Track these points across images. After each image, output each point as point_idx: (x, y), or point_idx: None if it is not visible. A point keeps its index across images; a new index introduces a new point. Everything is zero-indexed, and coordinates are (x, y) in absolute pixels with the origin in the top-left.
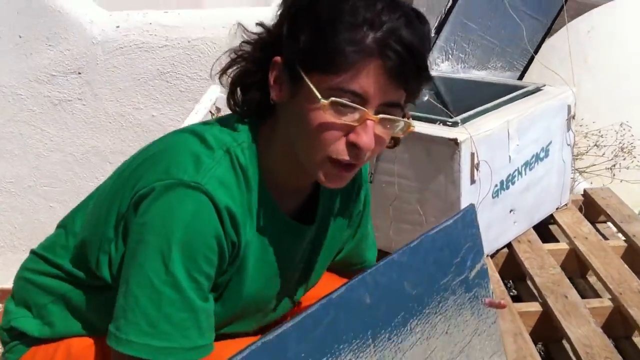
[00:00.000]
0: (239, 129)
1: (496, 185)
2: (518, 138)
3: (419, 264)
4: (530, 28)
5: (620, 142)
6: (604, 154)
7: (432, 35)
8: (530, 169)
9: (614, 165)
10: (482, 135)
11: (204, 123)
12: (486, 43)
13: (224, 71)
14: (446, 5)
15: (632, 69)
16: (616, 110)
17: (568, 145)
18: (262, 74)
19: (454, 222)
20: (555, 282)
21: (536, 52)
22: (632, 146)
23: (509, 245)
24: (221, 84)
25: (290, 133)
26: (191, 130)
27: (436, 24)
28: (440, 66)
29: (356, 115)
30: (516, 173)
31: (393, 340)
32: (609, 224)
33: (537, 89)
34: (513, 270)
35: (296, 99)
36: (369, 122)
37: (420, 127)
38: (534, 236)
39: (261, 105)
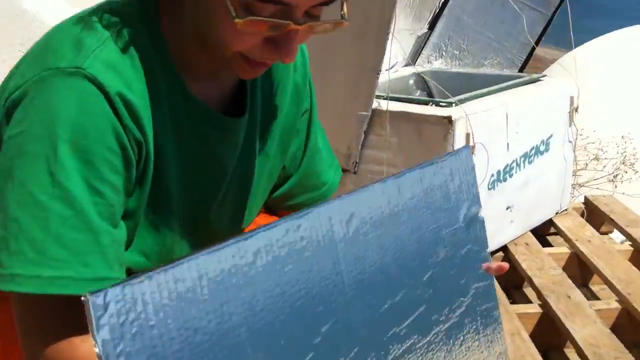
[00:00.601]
0: (135, 5)
1: (492, 175)
2: (517, 124)
3: (403, 201)
4: (530, 20)
5: (622, 155)
6: (604, 167)
7: (425, 31)
8: (530, 162)
9: (616, 176)
10: (478, 115)
11: (96, 5)
12: (483, 38)
13: None
14: None
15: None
16: (617, 122)
17: (570, 142)
18: None
19: (447, 161)
20: (556, 282)
21: (537, 43)
22: (634, 159)
23: (504, 249)
24: None
25: (197, 20)
26: (75, 17)
27: (430, 19)
28: (434, 64)
29: (277, 29)
30: (514, 165)
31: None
32: (612, 236)
33: (538, 79)
34: (509, 276)
35: None
36: (292, 32)
37: (411, 108)
38: (532, 239)
39: None
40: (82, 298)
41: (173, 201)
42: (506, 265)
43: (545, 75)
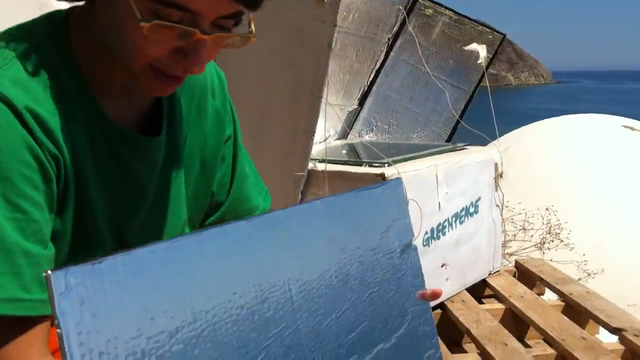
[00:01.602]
0: (44, 26)
1: (426, 233)
2: (447, 185)
3: (343, 222)
4: (453, 96)
5: (547, 225)
6: (532, 236)
7: (356, 107)
8: (461, 223)
9: (543, 244)
10: (410, 174)
11: (6, 28)
12: (410, 113)
13: None
14: (369, 77)
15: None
16: (540, 195)
17: (497, 206)
18: None
19: (380, 189)
20: (493, 332)
21: (461, 117)
22: (559, 228)
23: (442, 307)
24: None
25: (105, 33)
26: None
27: (359, 96)
28: (365, 137)
29: (184, 37)
30: (446, 223)
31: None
32: (544, 297)
33: (463, 147)
34: (448, 333)
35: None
36: (200, 41)
37: (346, 168)
38: (468, 296)
39: None
40: (44, 274)
41: (99, 222)
42: (440, 290)
43: (470, 144)
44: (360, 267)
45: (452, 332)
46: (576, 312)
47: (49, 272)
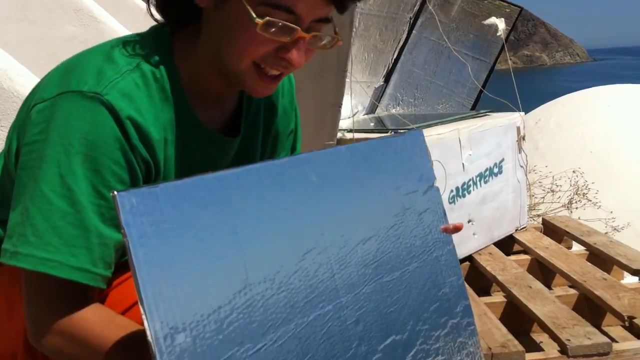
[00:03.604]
0: (152, 42)
1: (452, 191)
2: (470, 148)
3: (367, 164)
4: (474, 68)
5: (574, 187)
6: (559, 197)
7: (381, 83)
8: (485, 182)
9: (571, 204)
10: (434, 137)
11: (117, 39)
12: (434, 87)
13: None
14: (392, 55)
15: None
16: (567, 159)
17: (521, 166)
18: None
19: (401, 138)
20: (518, 277)
21: (483, 87)
22: (586, 189)
23: (470, 259)
24: None
25: (216, 41)
26: (99, 48)
27: (384, 73)
28: (392, 111)
29: (288, 33)
30: (471, 183)
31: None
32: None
33: (486, 114)
34: (476, 283)
35: (224, 9)
36: (300, 39)
37: (372, 136)
38: (495, 249)
39: (182, 11)
40: (111, 194)
41: None
42: (461, 224)
43: (492, 111)
44: (384, 202)
45: (480, 282)
46: (600, 259)
47: (115, 192)
